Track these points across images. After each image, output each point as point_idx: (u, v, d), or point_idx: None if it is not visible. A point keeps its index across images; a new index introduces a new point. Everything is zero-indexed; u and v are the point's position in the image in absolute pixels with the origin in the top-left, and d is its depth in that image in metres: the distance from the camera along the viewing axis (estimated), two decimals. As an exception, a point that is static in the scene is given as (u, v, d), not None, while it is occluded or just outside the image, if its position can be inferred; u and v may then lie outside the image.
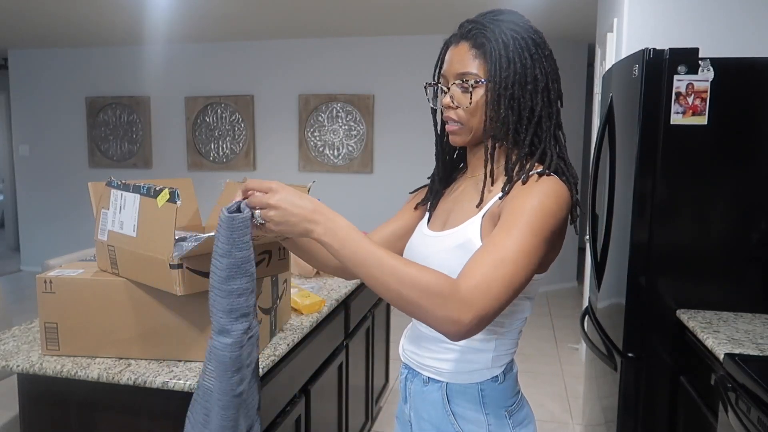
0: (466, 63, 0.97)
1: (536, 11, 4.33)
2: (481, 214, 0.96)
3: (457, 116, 0.99)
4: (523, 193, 0.90)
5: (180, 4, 4.26)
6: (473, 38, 0.98)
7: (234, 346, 0.91)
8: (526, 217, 0.85)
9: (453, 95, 0.99)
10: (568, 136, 1.10)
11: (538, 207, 0.86)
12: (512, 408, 1.03)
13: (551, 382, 3.42)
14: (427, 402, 1.05)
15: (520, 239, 0.83)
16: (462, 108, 0.98)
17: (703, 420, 1.66)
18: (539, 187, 0.90)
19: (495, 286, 0.80)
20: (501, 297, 0.80)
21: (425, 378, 1.05)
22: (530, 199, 0.88)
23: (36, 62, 6.03)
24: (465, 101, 0.98)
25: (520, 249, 0.83)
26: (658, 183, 1.87)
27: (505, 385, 1.03)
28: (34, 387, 1.39)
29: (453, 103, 0.99)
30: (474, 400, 1.01)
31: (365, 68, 5.34)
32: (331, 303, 1.89)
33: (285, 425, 1.53)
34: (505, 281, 0.80)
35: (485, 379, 1.01)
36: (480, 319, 0.79)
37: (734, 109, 1.82)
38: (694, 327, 1.71)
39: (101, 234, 1.37)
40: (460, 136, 1.01)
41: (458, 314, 0.78)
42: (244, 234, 0.87)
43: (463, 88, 0.98)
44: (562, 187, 0.92)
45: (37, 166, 6.18)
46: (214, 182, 2.88)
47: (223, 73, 5.63)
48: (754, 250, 1.86)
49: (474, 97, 0.97)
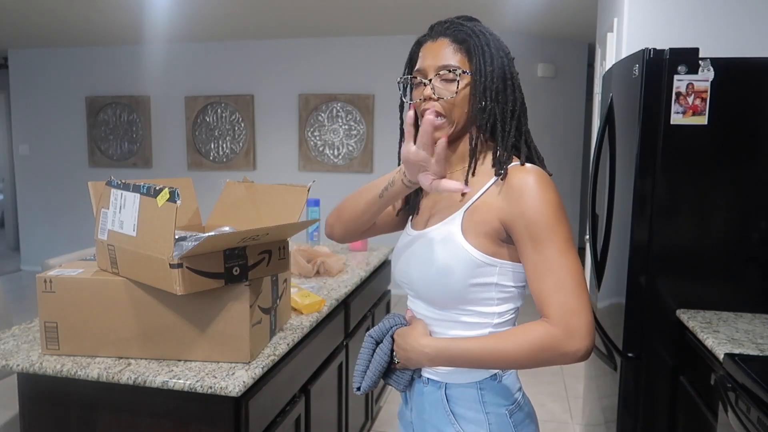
0: (448, 56, 0.98)
1: (536, 11, 4.33)
2: (462, 210, 0.98)
3: (441, 108, 0.98)
4: (533, 201, 0.91)
5: (180, 4, 4.26)
6: (453, 35, 0.99)
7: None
8: (546, 227, 0.90)
9: (435, 87, 0.98)
10: (568, 136, 1.11)
11: (555, 209, 0.91)
12: (513, 407, 1.02)
13: (551, 382, 3.42)
14: (427, 403, 1.06)
15: (561, 248, 0.90)
16: (444, 99, 0.98)
17: (702, 420, 1.66)
18: (543, 192, 0.92)
19: (577, 303, 0.88)
20: (585, 305, 0.89)
21: (424, 379, 1.06)
22: (544, 206, 0.91)
23: (36, 62, 6.03)
24: (448, 92, 0.97)
25: (568, 256, 0.90)
26: (658, 183, 1.87)
27: (505, 384, 1.03)
28: (34, 386, 1.39)
29: (434, 95, 0.98)
30: (474, 400, 1.01)
31: (365, 68, 5.34)
32: (331, 303, 1.89)
33: (285, 425, 1.54)
34: (579, 292, 0.89)
35: (484, 377, 1.01)
36: (589, 334, 0.88)
37: (734, 109, 1.82)
38: (694, 327, 1.71)
39: (101, 233, 1.37)
40: (442, 129, 0.99)
41: (573, 348, 0.87)
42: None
43: (447, 79, 0.98)
44: (548, 177, 0.96)
45: (37, 166, 6.18)
46: (214, 182, 2.88)
47: (223, 72, 5.63)
48: (754, 250, 1.86)
49: (459, 89, 0.97)
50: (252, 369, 1.33)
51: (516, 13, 4.36)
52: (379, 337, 1.07)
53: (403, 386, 1.09)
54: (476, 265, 0.95)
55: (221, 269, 1.30)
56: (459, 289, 0.96)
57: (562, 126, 5.39)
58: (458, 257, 0.95)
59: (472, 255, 0.95)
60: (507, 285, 0.98)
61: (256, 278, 1.38)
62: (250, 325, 1.35)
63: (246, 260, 1.34)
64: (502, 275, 0.97)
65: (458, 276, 0.95)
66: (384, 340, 1.06)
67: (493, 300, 0.98)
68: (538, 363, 0.90)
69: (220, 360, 1.36)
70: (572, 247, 0.92)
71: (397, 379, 1.08)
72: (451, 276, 0.96)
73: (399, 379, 1.08)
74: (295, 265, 2.18)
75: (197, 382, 1.26)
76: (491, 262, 0.95)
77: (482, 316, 0.99)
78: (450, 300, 0.99)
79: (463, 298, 0.98)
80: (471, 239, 0.95)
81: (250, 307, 1.34)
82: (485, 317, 0.99)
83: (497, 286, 0.97)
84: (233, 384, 1.25)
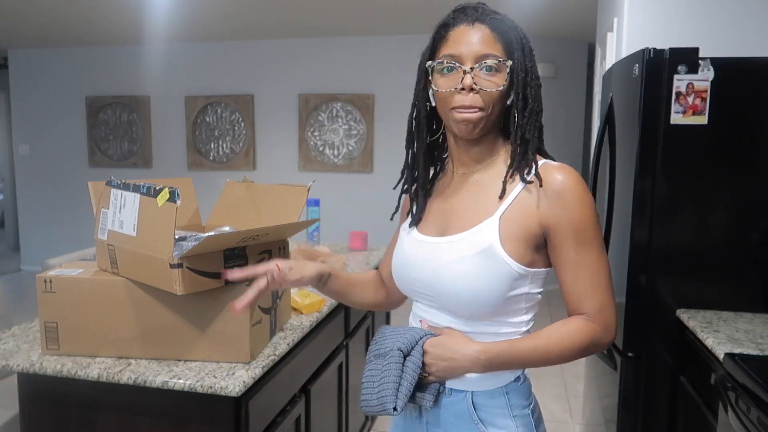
0: (490, 45, 0.90)
1: (536, 11, 4.33)
2: (498, 215, 0.92)
3: (482, 101, 0.90)
4: (579, 204, 0.91)
5: (180, 4, 4.26)
6: (490, 22, 0.92)
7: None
8: (591, 229, 0.92)
9: (476, 77, 0.89)
10: (568, 136, 1.11)
11: (594, 210, 0.92)
12: (532, 406, 1.01)
13: (551, 382, 3.42)
14: (451, 415, 0.98)
15: (600, 249, 0.93)
16: (488, 92, 0.90)
17: (702, 420, 1.66)
18: (585, 193, 0.92)
19: (609, 300, 0.93)
20: (614, 300, 0.94)
21: (447, 390, 0.99)
22: (588, 208, 0.91)
23: (36, 62, 6.03)
24: (492, 84, 0.90)
25: (604, 255, 0.93)
26: (657, 183, 1.87)
27: (526, 384, 1.01)
28: (34, 386, 1.38)
29: (476, 86, 0.89)
30: (501, 405, 0.97)
31: (365, 68, 5.34)
32: (331, 302, 1.89)
33: (285, 425, 1.53)
34: (611, 290, 0.94)
35: (509, 381, 0.98)
36: (616, 326, 0.95)
37: (734, 108, 1.82)
38: (694, 326, 1.71)
39: (101, 233, 1.37)
40: (478, 125, 0.91)
41: (607, 340, 0.94)
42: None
43: (493, 68, 0.89)
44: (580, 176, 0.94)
45: (37, 166, 6.18)
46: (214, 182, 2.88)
47: (223, 72, 5.63)
48: (753, 250, 1.86)
49: (504, 82, 0.91)
50: (252, 369, 1.33)
51: (516, 13, 4.31)
52: (407, 350, 0.96)
53: (433, 402, 0.98)
54: (514, 278, 0.91)
55: (221, 269, 1.29)
56: (495, 302, 0.91)
57: (562, 126, 5.39)
58: (498, 270, 0.90)
59: (512, 268, 0.90)
60: (535, 293, 0.96)
61: (256, 278, 1.38)
62: (250, 325, 1.35)
63: (246, 260, 1.34)
64: (533, 284, 0.94)
65: (498, 290, 0.90)
66: (413, 351, 0.95)
67: (522, 309, 0.96)
68: (579, 356, 0.93)
69: (220, 360, 1.36)
70: (603, 248, 0.94)
71: (428, 394, 0.97)
72: (491, 290, 0.90)
73: (428, 395, 0.97)
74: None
75: (197, 382, 1.26)
76: (526, 272, 0.92)
77: (512, 326, 0.96)
78: (484, 314, 0.93)
79: (498, 311, 0.93)
80: (509, 249, 0.90)
81: (250, 307, 1.34)
82: (515, 327, 0.96)
83: (527, 296, 0.94)
84: (233, 384, 1.25)
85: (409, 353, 0.96)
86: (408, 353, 0.96)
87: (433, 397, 0.98)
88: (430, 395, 0.97)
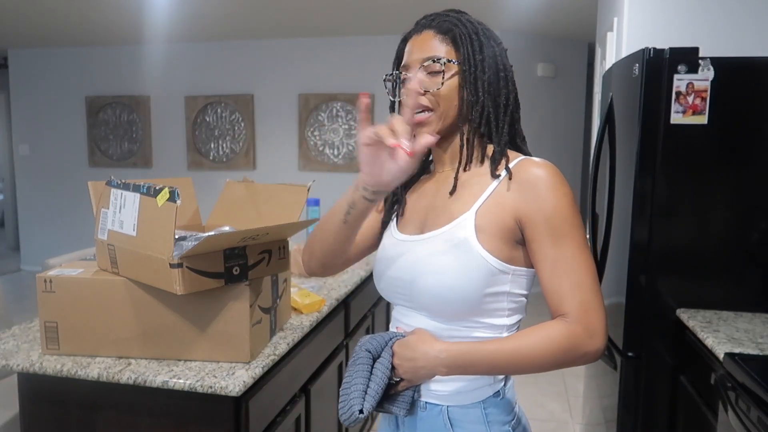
0: (433, 48, 0.94)
1: (536, 11, 4.33)
2: (473, 210, 0.91)
3: (428, 102, 0.93)
4: (551, 195, 0.87)
5: (180, 4, 4.26)
6: (437, 26, 0.95)
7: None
8: (568, 222, 0.87)
9: (420, 80, 0.93)
10: (568, 136, 1.10)
11: (572, 203, 0.88)
12: (514, 422, 0.98)
13: (551, 382, 3.42)
14: (426, 428, 0.97)
15: (580, 244, 0.88)
16: (431, 92, 0.93)
17: (702, 419, 1.66)
18: (560, 185, 0.88)
19: (594, 300, 0.86)
20: (602, 302, 0.87)
21: (422, 403, 0.97)
22: (562, 199, 0.87)
23: (36, 62, 6.03)
24: (434, 84, 0.93)
25: (585, 253, 0.88)
26: (657, 182, 1.87)
27: (506, 399, 0.98)
28: (34, 386, 1.39)
29: (420, 89, 0.93)
30: (478, 421, 0.95)
31: (365, 68, 5.34)
32: (331, 302, 1.89)
33: (285, 424, 1.54)
34: (596, 290, 0.87)
35: (487, 395, 0.95)
36: (606, 332, 0.86)
37: (734, 108, 1.82)
38: (694, 326, 1.71)
39: (101, 233, 1.37)
40: (430, 125, 0.94)
41: (594, 347, 0.85)
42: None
43: (433, 71, 0.93)
44: (559, 170, 0.92)
45: (37, 166, 6.18)
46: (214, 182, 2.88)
47: (223, 72, 5.63)
48: (753, 250, 1.86)
49: (445, 80, 0.93)
50: (252, 369, 1.33)
51: (516, 12, 4.36)
52: (376, 351, 0.94)
53: (406, 409, 0.95)
54: (491, 273, 0.89)
55: (221, 269, 1.30)
56: (472, 299, 0.89)
57: (562, 126, 5.39)
58: (474, 264, 0.88)
59: (488, 262, 0.89)
60: (518, 294, 0.93)
61: (256, 278, 1.38)
62: (250, 325, 1.35)
63: (246, 260, 1.34)
64: (514, 283, 0.92)
65: (474, 285, 0.89)
66: (383, 353, 0.94)
67: (504, 311, 0.93)
68: (558, 364, 0.86)
69: (220, 360, 1.36)
70: (587, 243, 0.89)
71: (400, 402, 0.95)
72: (467, 285, 0.89)
73: (402, 402, 0.94)
74: (295, 265, 2.17)
75: (197, 381, 1.26)
76: (505, 269, 0.90)
77: (492, 329, 0.93)
78: (461, 312, 0.91)
79: (476, 310, 0.91)
80: (486, 244, 0.89)
81: (250, 307, 1.34)
82: (495, 330, 0.93)
83: (509, 295, 0.92)
84: (233, 384, 1.25)
85: (379, 355, 0.94)
86: (378, 356, 0.94)
87: (407, 405, 0.95)
88: (402, 402, 0.95)
